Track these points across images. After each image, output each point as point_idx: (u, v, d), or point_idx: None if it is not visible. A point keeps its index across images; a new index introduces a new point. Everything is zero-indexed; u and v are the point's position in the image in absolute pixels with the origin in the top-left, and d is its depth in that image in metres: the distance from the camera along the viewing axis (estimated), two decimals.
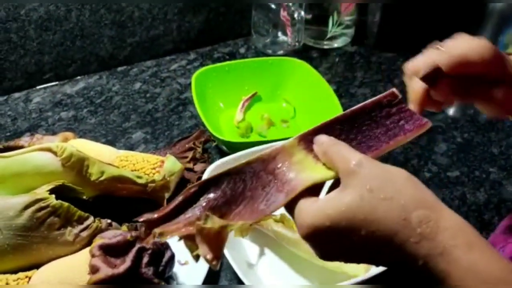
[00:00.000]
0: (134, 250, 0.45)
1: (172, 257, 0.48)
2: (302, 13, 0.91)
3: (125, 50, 0.89)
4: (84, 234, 0.49)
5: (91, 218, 0.50)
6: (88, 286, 0.43)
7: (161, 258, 0.47)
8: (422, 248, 0.29)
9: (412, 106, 0.41)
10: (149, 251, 0.46)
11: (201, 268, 0.52)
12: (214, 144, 0.66)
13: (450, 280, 0.29)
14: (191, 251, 0.33)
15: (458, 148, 0.73)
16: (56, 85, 0.84)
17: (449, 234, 0.29)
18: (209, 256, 0.32)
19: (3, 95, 0.81)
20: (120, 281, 0.44)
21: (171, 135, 0.74)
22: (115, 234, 0.47)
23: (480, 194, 0.65)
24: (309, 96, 0.77)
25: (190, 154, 0.63)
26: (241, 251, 0.54)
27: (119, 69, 0.89)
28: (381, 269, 0.47)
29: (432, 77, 0.39)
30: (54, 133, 0.73)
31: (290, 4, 0.89)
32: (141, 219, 0.35)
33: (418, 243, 0.29)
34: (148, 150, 0.71)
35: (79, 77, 0.86)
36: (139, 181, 0.54)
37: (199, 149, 0.63)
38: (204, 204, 0.34)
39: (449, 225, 0.30)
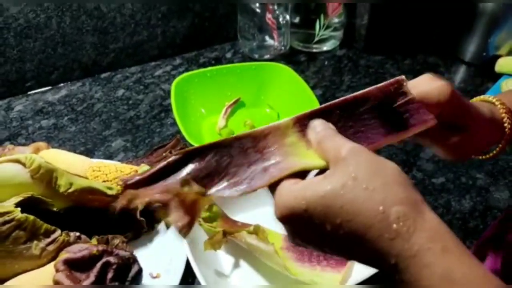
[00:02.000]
0: (98, 265, 0.44)
1: (139, 272, 0.47)
2: (287, 16, 0.89)
3: (108, 56, 0.88)
4: (51, 248, 0.48)
5: (58, 231, 0.49)
6: None
7: (127, 273, 0.45)
8: (396, 246, 0.28)
9: None
10: (114, 266, 0.44)
11: (173, 281, 0.50)
12: None
13: (421, 286, 0.27)
14: (163, 218, 0.32)
15: None
16: (38, 92, 0.83)
17: (425, 236, 0.28)
18: (180, 223, 0.31)
19: None
20: None
21: (151, 142, 0.73)
22: (81, 248, 0.46)
23: (466, 201, 0.64)
24: (293, 101, 0.76)
25: None
26: (214, 262, 0.53)
27: (103, 75, 0.88)
28: (356, 280, 0.46)
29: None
30: (33, 141, 0.72)
31: (275, 7, 0.87)
32: (121, 180, 0.34)
33: (393, 240, 0.28)
34: (127, 158, 0.69)
35: (62, 84, 0.85)
36: (110, 192, 0.53)
37: None
38: (185, 173, 0.33)
39: (428, 227, 0.28)
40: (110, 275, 0.44)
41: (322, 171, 0.32)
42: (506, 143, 0.43)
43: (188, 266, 0.51)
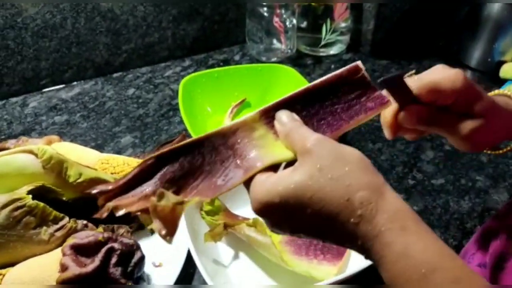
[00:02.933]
0: (103, 250, 0.46)
1: (142, 258, 0.49)
2: (294, 20, 0.92)
3: (120, 56, 0.91)
4: (59, 233, 0.50)
5: (66, 219, 0.51)
6: (57, 286, 0.45)
7: (130, 259, 0.48)
8: (361, 229, 0.30)
9: (384, 130, 0.41)
10: (118, 252, 0.47)
11: (174, 270, 0.52)
12: None
13: (383, 263, 0.30)
14: (146, 224, 0.33)
15: (446, 156, 0.72)
16: (53, 90, 0.87)
17: (386, 217, 0.30)
18: (163, 232, 0.32)
19: (1, 99, 0.83)
20: (88, 280, 0.45)
21: (159, 139, 0.75)
22: (88, 234, 0.49)
23: (464, 202, 0.65)
24: None
25: None
26: (215, 254, 0.55)
27: (115, 75, 0.91)
28: (351, 273, 0.47)
29: (392, 82, 0.38)
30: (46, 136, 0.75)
31: (283, 12, 0.90)
32: (94, 191, 0.34)
33: (358, 224, 0.30)
34: (135, 154, 0.72)
35: (75, 83, 0.88)
36: None
37: None
38: (160, 176, 0.34)
39: (389, 208, 0.30)
40: (114, 260, 0.46)
41: (291, 161, 0.34)
42: None
43: (189, 256, 0.53)
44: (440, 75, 0.38)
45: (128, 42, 0.90)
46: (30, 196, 0.50)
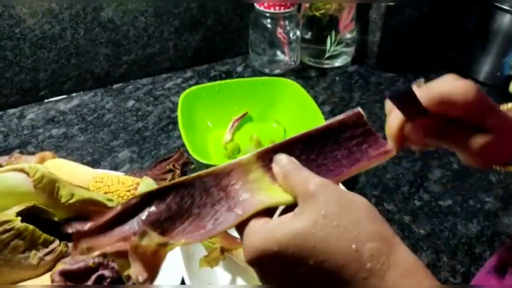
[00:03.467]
0: (93, 278, 0.44)
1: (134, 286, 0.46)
2: (298, 32, 0.90)
3: (120, 68, 0.89)
4: (49, 258, 0.48)
5: (57, 242, 0.50)
6: (57, 286, 0.43)
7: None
8: (370, 284, 0.27)
9: (388, 141, 0.39)
10: (108, 280, 0.45)
11: None
12: (193, 166, 0.65)
13: None
14: (122, 270, 0.31)
15: (454, 176, 0.70)
16: (51, 101, 0.85)
17: (399, 272, 0.27)
18: (141, 277, 0.29)
19: None
20: None
21: (157, 154, 0.73)
22: (78, 259, 0.46)
23: (473, 225, 0.62)
24: (299, 117, 0.76)
25: (169, 176, 0.62)
26: (210, 279, 0.53)
27: (115, 86, 0.89)
28: None
29: (401, 97, 0.35)
30: (43, 150, 0.73)
31: (286, 23, 0.88)
32: (70, 230, 0.32)
33: (367, 279, 0.27)
34: (132, 169, 0.70)
35: (74, 94, 0.87)
36: (110, 204, 0.53)
37: (178, 171, 0.62)
38: (144, 217, 0.31)
39: (401, 262, 0.28)
40: None
41: (289, 206, 0.31)
42: None
43: (184, 281, 0.51)
44: (451, 85, 0.35)
45: (128, 53, 0.88)
46: (19, 218, 0.48)
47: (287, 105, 0.78)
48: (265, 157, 0.33)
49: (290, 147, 0.34)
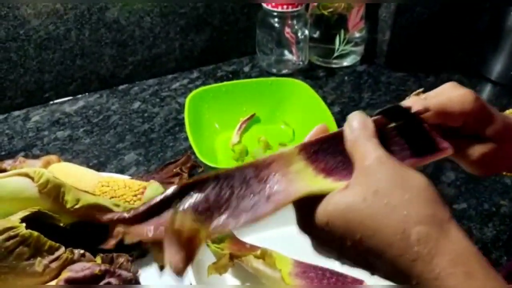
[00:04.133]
0: (99, 286, 0.43)
1: None
2: (306, 31, 0.88)
3: (126, 68, 0.88)
4: (54, 265, 0.47)
5: (62, 249, 0.48)
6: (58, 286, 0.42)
7: None
8: (417, 267, 0.27)
9: None
10: None
11: None
12: (200, 170, 0.64)
13: None
14: (156, 259, 0.30)
15: (468, 178, 0.68)
16: (56, 103, 0.84)
17: (448, 259, 0.26)
18: (174, 262, 0.28)
19: (3, 113, 0.81)
20: None
21: (164, 157, 0.72)
22: (84, 267, 0.45)
23: (488, 230, 0.60)
24: (309, 118, 0.74)
25: (176, 180, 0.61)
26: (219, 286, 0.51)
27: (120, 87, 0.88)
28: None
29: (388, 113, 0.34)
30: (48, 152, 0.72)
31: (294, 22, 0.86)
32: (105, 217, 0.32)
33: (414, 262, 0.27)
34: (139, 172, 0.69)
35: (79, 96, 0.86)
36: (116, 209, 0.52)
37: (185, 175, 0.61)
38: (183, 207, 0.31)
39: (452, 249, 0.27)
40: None
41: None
42: None
43: None
44: (449, 96, 0.35)
45: (134, 53, 0.87)
46: (24, 224, 0.47)
47: (296, 106, 0.77)
48: (308, 150, 0.33)
49: (336, 137, 0.33)
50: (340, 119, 0.79)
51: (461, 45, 0.99)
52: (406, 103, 0.36)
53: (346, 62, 0.95)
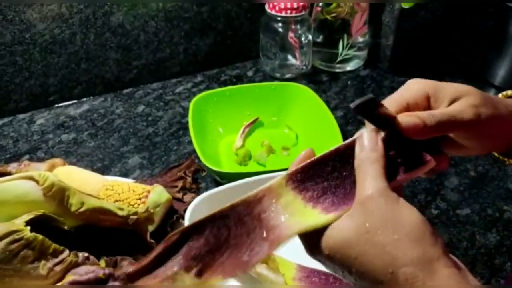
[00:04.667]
0: None
1: None
2: (310, 36, 0.88)
3: (131, 72, 0.88)
4: (58, 268, 0.47)
5: (67, 252, 0.49)
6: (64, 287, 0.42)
7: None
8: None
9: None
10: None
11: None
12: (204, 174, 0.64)
13: None
14: None
15: (471, 183, 0.68)
16: (61, 106, 0.85)
17: None
18: None
19: (8, 116, 0.82)
20: None
21: (167, 160, 0.72)
22: (88, 270, 0.46)
23: (492, 235, 0.60)
24: (312, 122, 0.74)
25: (180, 184, 0.61)
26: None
27: (125, 91, 0.89)
28: None
29: (366, 108, 0.33)
30: (52, 155, 0.73)
31: (298, 27, 0.87)
32: (117, 274, 0.36)
33: None
34: (142, 176, 0.69)
35: (84, 99, 0.86)
36: (120, 213, 0.52)
37: (189, 179, 0.61)
38: (185, 253, 0.33)
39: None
40: None
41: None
42: None
43: None
44: (416, 91, 0.37)
45: (139, 57, 0.87)
46: (28, 228, 0.47)
47: (299, 110, 0.77)
48: (295, 178, 0.33)
49: (321, 164, 0.34)
50: (343, 124, 0.79)
51: (464, 49, 0.99)
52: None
53: (349, 67, 0.95)
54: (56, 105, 0.85)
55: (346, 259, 0.30)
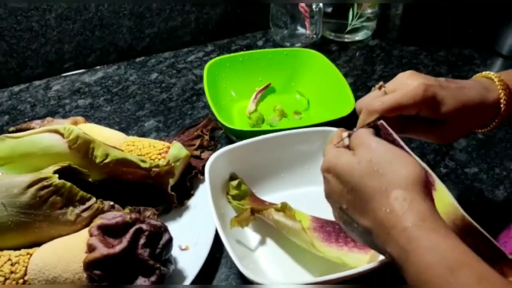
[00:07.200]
0: (131, 231, 0.45)
1: (170, 240, 0.47)
2: (320, 5, 0.89)
3: (143, 41, 0.90)
4: (85, 214, 0.50)
5: (93, 199, 0.51)
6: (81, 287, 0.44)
7: (158, 240, 0.47)
8: (391, 219, 0.32)
9: None
10: (146, 233, 0.45)
11: (201, 254, 0.51)
12: (221, 132, 0.66)
13: (409, 256, 0.31)
14: None
15: (479, 144, 0.70)
16: (76, 74, 0.86)
17: (417, 215, 0.32)
18: None
19: (25, 82, 0.83)
20: (116, 261, 0.44)
21: (183, 124, 0.74)
22: (115, 215, 0.48)
23: (499, 192, 0.62)
24: (324, 88, 0.76)
25: (197, 142, 0.63)
26: (242, 239, 0.54)
27: (138, 59, 0.90)
28: (381, 261, 0.45)
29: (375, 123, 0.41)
30: None
31: None
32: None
33: (389, 214, 0.33)
34: (159, 137, 0.71)
35: (98, 67, 0.88)
36: (143, 165, 0.54)
37: (207, 137, 0.63)
38: None
39: (422, 208, 0.32)
40: (142, 241, 0.45)
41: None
42: (501, 119, 0.46)
43: (215, 240, 0.52)
44: (401, 91, 0.42)
45: (151, 26, 0.88)
46: (57, 175, 0.49)
47: (311, 76, 0.78)
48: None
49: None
50: (354, 90, 0.81)
51: (472, 19, 1.00)
52: (367, 100, 0.44)
53: (358, 37, 0.96)
54: (70, 73, 0.86)
55: (346, 177, 0.36)
